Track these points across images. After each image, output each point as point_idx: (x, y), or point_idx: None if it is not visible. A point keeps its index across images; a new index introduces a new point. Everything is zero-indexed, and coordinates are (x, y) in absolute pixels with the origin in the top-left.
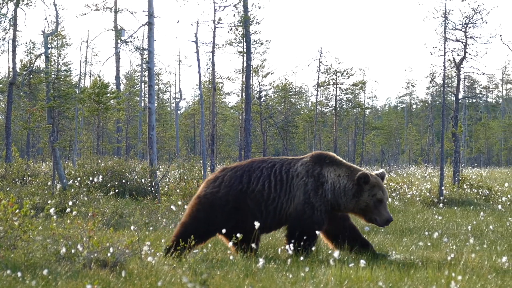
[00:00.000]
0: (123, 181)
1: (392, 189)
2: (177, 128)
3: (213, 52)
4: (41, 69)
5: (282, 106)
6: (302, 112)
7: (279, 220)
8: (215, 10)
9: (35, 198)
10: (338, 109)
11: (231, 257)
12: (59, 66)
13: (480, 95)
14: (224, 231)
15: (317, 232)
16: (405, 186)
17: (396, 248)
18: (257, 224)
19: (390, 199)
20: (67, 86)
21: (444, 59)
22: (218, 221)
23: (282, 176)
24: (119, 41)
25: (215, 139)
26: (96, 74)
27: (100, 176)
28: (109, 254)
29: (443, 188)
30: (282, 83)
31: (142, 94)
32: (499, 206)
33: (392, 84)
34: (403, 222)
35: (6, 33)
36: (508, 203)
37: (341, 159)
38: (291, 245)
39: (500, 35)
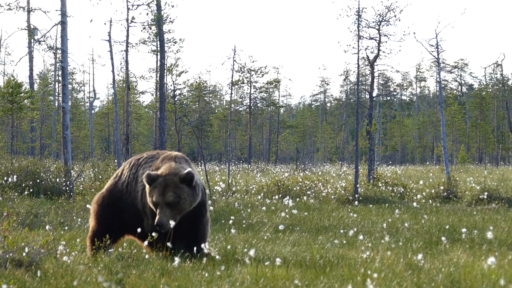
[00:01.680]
0: (38, 180)
1: (307, 187)
2: (92, 128)
3: (126, 51)
4: None
5: (197, 105)
6: (216, 111)
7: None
8: (128, 9)
9: None
10: (252, 107)
11: (146, 256)
12: None
13: (394, 93)
14: (139, 230)
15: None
16: (320, 184)
17: (311, 246)
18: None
19: (305, 197)
20: None
21: (358, 57)
22: (117, 219)
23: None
24: (32, 40)
25: (129, 138)
26: (9, 74)
27: (15, 176)
28: (24, 254)
29: (358, 186)
30: (196, 82)
31: (56, 94)
32: (414, 204)
33: (307, 82)
34: (318, 220)
35: None
36: (423, 200)
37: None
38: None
39: (414, 33)
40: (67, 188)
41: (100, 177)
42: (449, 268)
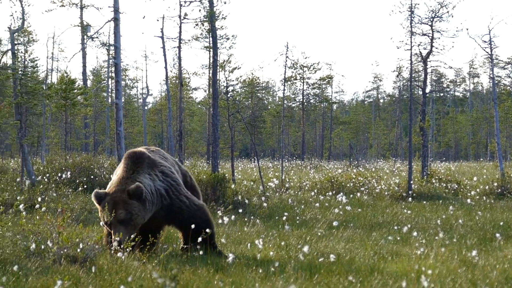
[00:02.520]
0: (92, 176)
1: (361, 184)
2: (145, 124)
3: (179, 47)
4: (7, 65)
5: (250, 101)
6: (269, 107)
7: None
8: (180, 5)
9: (4, 195)
10: (305, 103)
11: (201, 252)
12: (26, 63)
13: (448, 89)
14: None
15: None
16: (373, 180)
17: (365, 242)
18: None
19: (358, 194)
20: (34, 82)
21: (411, 53)
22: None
23: None
24: (85, 37)
25: (182, 134)
26: (63, 70)
27: (69, 172)
28: (78, 250)
29: (411, 182)
30: (249, 78)
31: (109, 90)
32: (468, 200)
33: (359, 79)
34: (372, 216)
35: None
36: (477, 197)
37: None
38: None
39: (467, 29)
40: None
41: None
42: (503, 264)
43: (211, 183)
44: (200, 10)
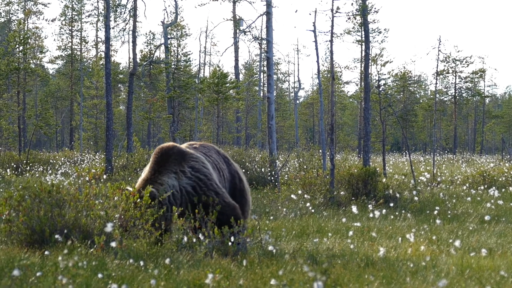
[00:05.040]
0: (243, 170)
1: None
2: (296, 118)
3: (331, 41)
4: (161, 59)
5: (401, 95)
6: (421, 101)
7: None
8: None
9: None
10: (457, 97)
11: (351, 246)
12: (179, 57)
13: None
14: None
15: None
16: None
17: None
18: None
19: (511, 188)
20: (186, 76)
21: None
22: None
23: None
24: (237, 31)
25: (334, 128)
26: (215, 64)
27: None
28: (230, 243)
29: None
30: (400, 72)
31: (261, 84)
32: None
33: None
34: None
35: (127, 24)
36: None
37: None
38: None
39: None
40: (272, 178)
41: (305, 167)
42: None
43: (362, 177)
44: (352, 3)
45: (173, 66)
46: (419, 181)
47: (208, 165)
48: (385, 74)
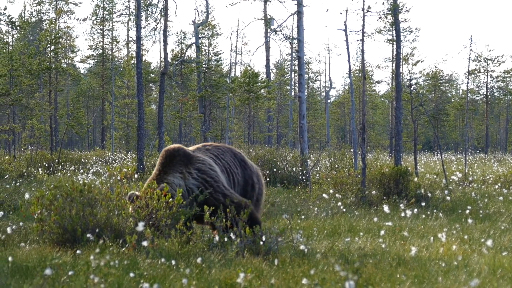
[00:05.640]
0: (274, 170)
1: None
2: (328, 117)
3: (362, 40)
4: (192, 59)
5: (433, 94)
6: (452, 100)
7: None
8: None
9: None
10: (489, 96)
11: (383, 245)
12: (210, 56)
13: None
14: None
15: None
16: None
17: None
18: None
19: None
20: (218, 75)
21: None
22: None
23: None
24: (268, 30)
25: (365, 127)
26: (246, 64)
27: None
28: (261, 243)
29: None
30: (432, 71)
31: (292, 83)
32: None
33: None
34: None
35: (158, 23)
36: None
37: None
38: None
39: None
40: (304, 177)
41: (336, 166)
42: None
43: (394, 176)
44: (383, 2)
45: (204, 65)
46: (450, 180)
47: (216, 167)
48: (416, 73)
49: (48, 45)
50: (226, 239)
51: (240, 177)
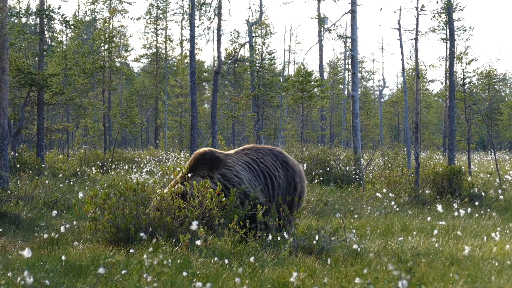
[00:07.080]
0: (328, 169)
1: None
2: (381, 116)
3: (416, 39)
4: (245, 58)
5: (486, 93)
6: (506, 99)
7: None
8: None
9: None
10: None
11: (436, 245)
12: (263, 55)
13: None
14: None
15: None
16: None
17: None
18: None
19: None
20: (271, 74)
21: None
22: None
23: None
24: (322, 29)
25: (419, 126)
26: (299, 62)
27: (305, 164)
28: (314, 242)
29: None
30: (486, 70)
31: (346, 82)
32: None
33: None
34: None
35: (211, 22)
36: None
37: None
38: None
39: None
40: (357, 176)
41: (389, 165)
42: None
43: (447, 176)
44: (437, 1)
45: (257, 64)
46: (504, 179)
47: (243, 174)
48: (470, 72)
49: (102, 44)
50: (279, 238)
51: (282, 179)
